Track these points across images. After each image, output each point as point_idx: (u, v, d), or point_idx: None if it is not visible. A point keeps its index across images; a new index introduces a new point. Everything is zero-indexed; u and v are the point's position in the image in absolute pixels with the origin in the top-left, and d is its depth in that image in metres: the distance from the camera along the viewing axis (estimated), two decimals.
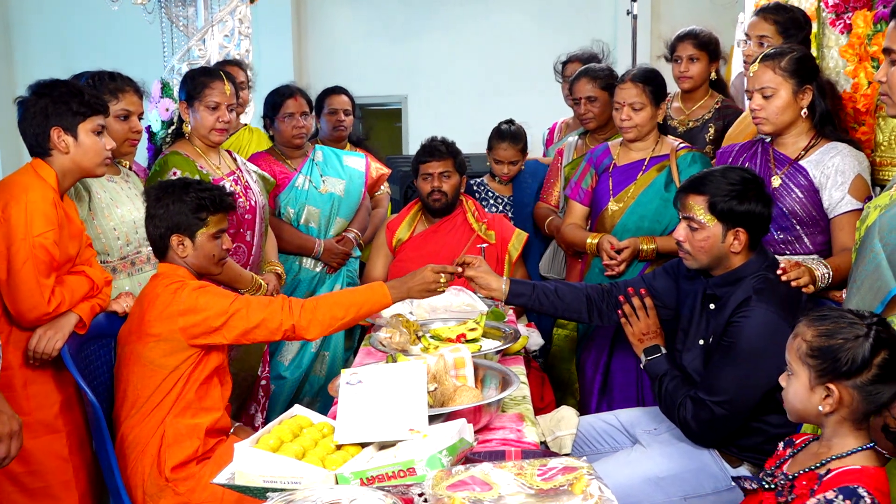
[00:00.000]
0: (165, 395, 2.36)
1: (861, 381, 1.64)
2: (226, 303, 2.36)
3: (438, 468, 1.64)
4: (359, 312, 2.44)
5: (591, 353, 3.30)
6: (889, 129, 2.71)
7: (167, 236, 2.45)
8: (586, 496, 1.47)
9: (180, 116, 3.21)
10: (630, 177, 3.27)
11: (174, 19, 4.75)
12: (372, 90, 9.11)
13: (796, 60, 2.65)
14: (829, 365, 1.66)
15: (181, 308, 2.33)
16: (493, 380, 2.34)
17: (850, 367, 1.64)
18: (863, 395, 1.65)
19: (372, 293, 2.47)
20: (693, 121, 3.68)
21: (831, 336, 1.67)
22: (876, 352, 1.63)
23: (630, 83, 3.20)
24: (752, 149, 2.87)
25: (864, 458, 1.67)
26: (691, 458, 2.37)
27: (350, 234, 3.82)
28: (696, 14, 7.56)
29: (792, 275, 2.33)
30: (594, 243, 3.23)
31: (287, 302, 2.40)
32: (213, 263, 2.52)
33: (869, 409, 1.66)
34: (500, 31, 8.99)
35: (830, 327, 1.68)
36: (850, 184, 2.59)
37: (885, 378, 1.63)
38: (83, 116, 2.40)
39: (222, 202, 2.51)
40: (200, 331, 2.34)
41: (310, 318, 2.38)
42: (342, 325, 2.46)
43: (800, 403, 1.74)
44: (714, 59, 3.68)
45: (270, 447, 1.82)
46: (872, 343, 1.63)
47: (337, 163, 3.85)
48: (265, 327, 2.37)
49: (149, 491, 2.34)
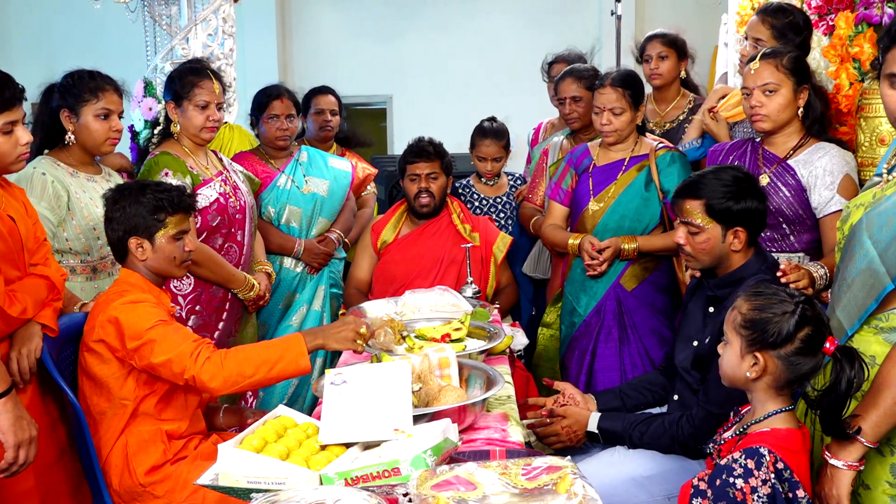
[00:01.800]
0: (112, 405, 2.31)
1: (785, 352, 1.81)
2: (143, 327, 2.22)
3: (423, 468, 1.63)
4: (270, 372, 2.17)
5: (575, 353, 3.31)
6: (870, 130, 2.74)
7: (125, 239, 2.37)
8: (570, 495, 1.47)
9: (167, 116, 3.19)
10: (610, 176, 3.28)
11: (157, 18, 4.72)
12: (357, 90, 9.08)
13: (795, 59, 2.68)
14: (758, 335, 1.83)
15: (104, 318, 2.27)
16: (478, 379, 2.33)
17: (776, 339, 1.81)
18: (786, 365, 1.82)
19: (287, 348, 2.20)
20: (669, 122, 3.77)
21: (762, 310, 1.83)
22: (800, 327, 1.80)
23: (609, 87, 3.19)
24: (742, 147, 2.89)
25: (779, 419, 1.85)
26: (674, 457, 2.38)
27: (333, 234, 3.78)
28: (680, 15, 7.63)
29: (791, 277, 2.34)
30: (576, 244, 3.24)
31: (199, 348, 2.20)
32: (174, 266, 2.43)
33: (791, 377, 1.83)
34: (485, 32, 8.99)
35: (763, 302, 1.85)
36: (838, 183, 2.61)
37: (806, 351, 1.81)
38: None
39: (181, 203, 2.42)
40: (117, 346, 2.25)
41: (214, 371, 2.16)
42: (251, 384, 2.20)
43: (731, 370, 1.90)
44: (682, 58, 3.80)
45: (254, 448, 1.81)
46: (797, 319, 1.80)
47: (322, 163, 3.83)
48: (168, 369, 2.20)
49: (125, 498, 2.31)
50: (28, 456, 1.99)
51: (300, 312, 3.67)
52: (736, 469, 1.75)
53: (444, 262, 3.57)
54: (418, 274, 3.54)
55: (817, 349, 1.81)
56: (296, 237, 3.68)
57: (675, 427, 2.35)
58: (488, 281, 3.59)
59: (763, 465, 1.73)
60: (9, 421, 1.96)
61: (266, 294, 3.31)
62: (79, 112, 2.78)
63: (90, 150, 2.86)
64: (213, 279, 3.10)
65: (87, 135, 2.80)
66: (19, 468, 2.00)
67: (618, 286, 3.24)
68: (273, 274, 3.44)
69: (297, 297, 3.70)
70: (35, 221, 2.42)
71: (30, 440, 1.99)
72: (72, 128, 2.79)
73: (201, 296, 3.12)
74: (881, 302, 1.91)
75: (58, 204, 2.68)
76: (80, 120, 2.79)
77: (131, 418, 2.32)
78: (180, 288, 3.09)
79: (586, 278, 3.26)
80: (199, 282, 3.11)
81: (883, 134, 2.70)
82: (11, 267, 2.26)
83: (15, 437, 1.97)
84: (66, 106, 2.78)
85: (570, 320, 3.36)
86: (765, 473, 1.73)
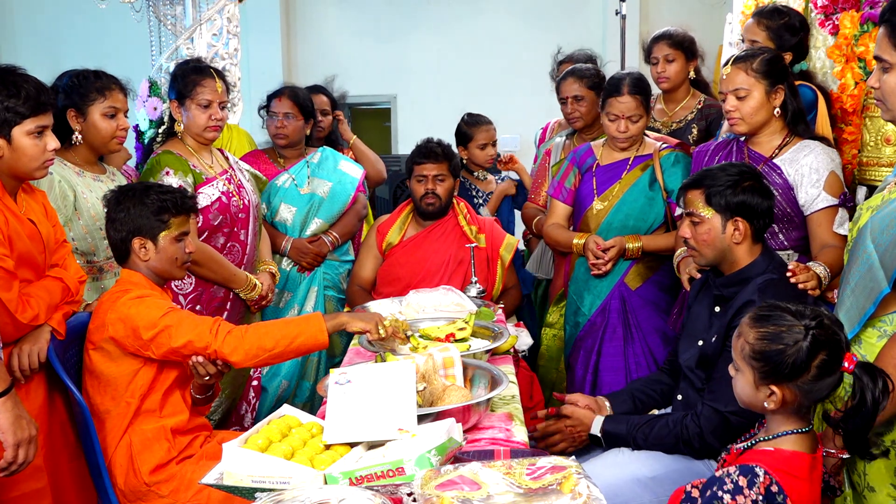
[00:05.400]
0: (118, 404, 2.34)
1: (801, 381, 1.73)
2: (156, 315, 2.28)
3: (427, 468, 1.63)
4: (290, 346, 2.27)
5: (581, 353, 3.31)
6: (875, 130, 2.74)
7: (129, 240, 2.41)
8: (575, 495, 1.47)
9: (171, 115, 3.20)
10: (615, 176, 3.28)
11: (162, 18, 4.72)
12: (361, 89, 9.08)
13: (767, 62, 2.69)
14: (770, 369, 1.74)
15: (113, 317, 2.30)
16: (482, 379, 2.34)
17: (791, 371, 1.72)
18: (803, 393, 1.74)
19: (307, 324, 2.30)
20: (676, 122, 3.72)
21: (773, 341, 1.74)
22: (814, 355, 1.71)
23: (628, 96, 3.17)
24: (727, 147, 2.90)
25: (788, 441, 1.77)
26: (679, 458, 2.38)
27: (327, 237, 3.73)
28: (685, 14, 7.61)
29: (801, 278, 2.34)
30: (580, 243, 3.24)
31: (217, 324, 2.29)
32: (175, 267, 2.47)
33: (810, 402, 1.76)
34: (489, 32, 8.98)
35: (771, 330, 1.75)
36: (824, 181, 2.63)
37: (823, 376, 1.72)
38: (21, 118, 2.20)
39: (184, 204, 2.47)
40: (131, 342, 2.29)
41: (235, 344, 2.25)
42: (270, 357, 2.29)
43: (747, 397, 1.82)
44: (691, 58, 3.72)
45: (259, 447, 1.82)
46: (809, 347, 1.70)
47: (331, 166, 3.81)
48: (191, 348, 2.27)
49: (131, 497, 2.32)
50: (28, 455, 1.99)
51: (292, 314, 3.64)
52: (727, 483, 1.70)
53: (450, 265, 3.54)
54: (424, 277, 3.51)
55: (835, 370, 1.73)
56: (285, 235, 3.67)
57: (679, 426, 2.35)
58: (494, 283, 3.56)
59: (755, 485, 1.68)
60: (8, 420, 1.97)
61: (269, 294, 3.30)
62: (86, 111, 2.79)
63: (97, 148, 2.87)
64: (214, 279, 3.10)
65: (95, 133, 2.81)
66: (19, 467, 2.00)
67: (622, 285, 3.24)
68: (277, 274, 3.43)
69: (288, 297, 3.68)
70: (55, 224, 2.47)
71: (29, 439, 1.99)
72: (79, 127, 2.80)
73: (202, 295, 3.13)
74: (880, 305, 1.92)
75: (64, 203, 2.69)
76: (87, 119, 2.80)
77: (135, 416, 2.34)
78: (181, 287, 3.09)
79: (590, 278, 3.26)
80: (200, 281, 3.11)
81: (888, 133, 2.70)
82: (30, 269, 2.31)
83: (14, 437, 1.98)
84: (72, 105, 2.78)
85: (575, 320, 3.35)
86: (755, 493, 1.67)
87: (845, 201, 2.60)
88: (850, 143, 2.91)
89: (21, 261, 2.25)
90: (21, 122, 2.21)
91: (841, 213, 2.59)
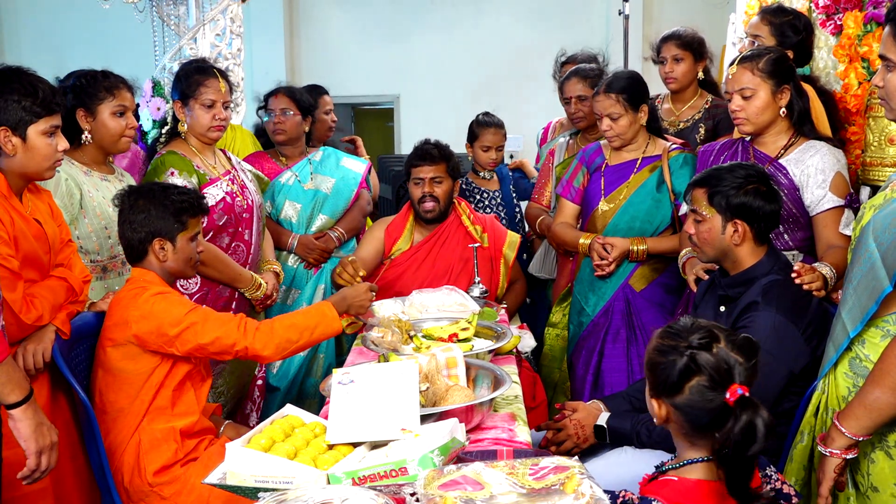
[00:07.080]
0: (132, 402, 2.34)
1: (678, 402, 1.63)
2: (181, 312, 2.32)
3: (430, 468, 1.63)
4: (312, 336, 2.44)
5: (583, 353, 3.31)
6: (879, 130, 2.73)
7: (148, 240, 2.43)
8: (578, 495, 1.47)
9: (175, 115, 3.21)
10: (623, 176, 3.27)
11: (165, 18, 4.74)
12: (364, 90, 9.11)
13: (773, 61, 2.68)
14: (653, 381, 1.68)
15: (136, 314, 2.32)
16: (485, 379, 2.33)
17: (665, 388, 1.64)
18: (683, 415, 1.63)
19: (322, 314, 2.46)
20: (683, 122, 3.70)
21: (661, 353, 1.65)
22: (688, 377, 1.60)
23: (603, 95, 3.20)
24: (732, 147, 2.89)
25: (694, 469, 1.64)
26: None
27: (334, 232, 3.73)
28: (688, 14, 7.61)
29: (806, 279, 2.33)
30: (587, 244, 3.23)
31: (243, 321, 2.37)
32: (190, 266, 2.53)
33: (694, 428, 1.63)
34: (492, 32, 8.99)
35: (665, 344, 1.65)
36: (830, 181, 2.62)
37: (700, 403, 1.60)
38: (36, 117, 2.24)
39: (200, 205, 2.53)
40: (154, 339, 2.32)
41: (265, 340, 2.36)
42: (296, 349, 2.44)
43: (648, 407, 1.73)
44: (700, 59, 3.69)
45: (262, 447, 1.82)
46: (683, 368, 1.60)
47: (334, 162, 3.82)
48: (218, 345, 2.34)
49: (133, 497, 2.33)
50: (50, 462, 1.99)
51: None
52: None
53: (455, 267, 3.49)
54: (432, 281, 3.43)
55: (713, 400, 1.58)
56: (291, 231, 3.67)
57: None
58: (499, 283, 3.53)
59: None
60: (30, 428, 1.96)
61: (274, 293, 3.31)
62: (95, 111, 2.81)
63: (107, 147, 2.88)
64: (219, 279, 3.11)
65: (105, 132, 2.83)
66: (41, 475, 2.00)
67: (627, 287, 3.24)
68: (282, 273, 3.43)
69: (296, 295, 3.68)
70: (60, 223, 2.48)
71: (51, 446, 1.99)
72: (88, 126, 2.81)
73: (207, 295, 3.13)
74: (882, 304, 1.91)
75: (71, 202, 2.70)
76: (96, 118, 2.81)
77: (147, 414, 2.35)
78: (187, 287, 3.09)
79: (595, 278, 3.26)
80: (206, 281, 3.11)
81: (892, 133, 2.69)
82: (35, 269, 2.32)
83: (36, 444, 1.97)
84: (81, 105, 2.80)
85: (579, 320, 3.35)
86: None
87: (851, 202, 2.59)
88: (853, 143, 2.90)
89: (26, 261, 2.26)
90: (36, 121, 2.24)
91: (847, 213, 2.58)
